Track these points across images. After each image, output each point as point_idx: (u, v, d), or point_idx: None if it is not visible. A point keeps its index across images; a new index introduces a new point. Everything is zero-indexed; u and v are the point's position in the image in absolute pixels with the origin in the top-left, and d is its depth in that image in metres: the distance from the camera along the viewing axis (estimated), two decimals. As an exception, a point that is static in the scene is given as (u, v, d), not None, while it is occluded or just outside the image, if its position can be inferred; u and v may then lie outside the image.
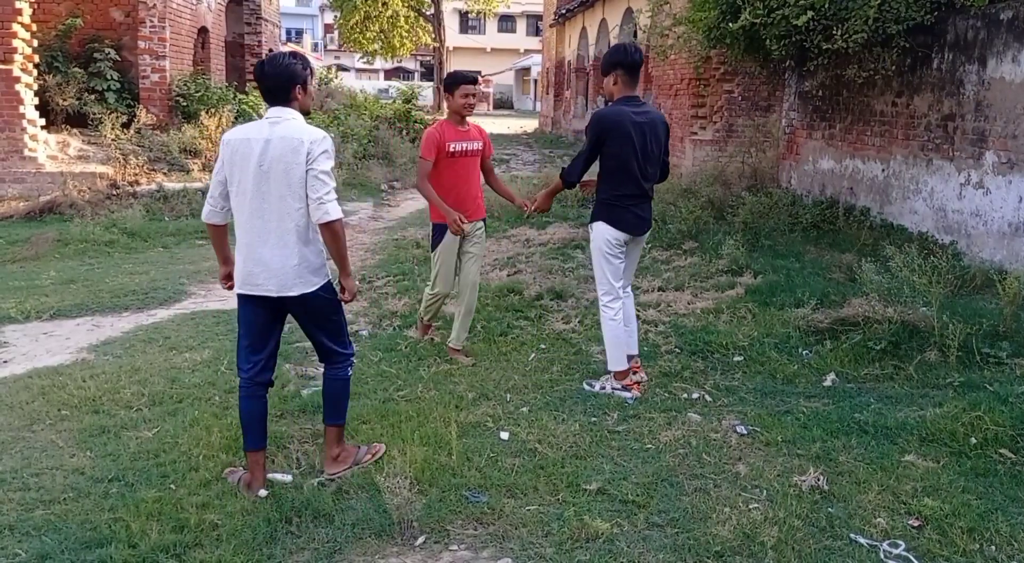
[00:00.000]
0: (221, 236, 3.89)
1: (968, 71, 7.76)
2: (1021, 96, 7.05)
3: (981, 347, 5.29)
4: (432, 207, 5.54)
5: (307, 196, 3.57)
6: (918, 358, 5.27)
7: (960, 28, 7.91)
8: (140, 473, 3.90)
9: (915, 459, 4.11)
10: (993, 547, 3.36)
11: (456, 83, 5.43)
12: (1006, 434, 4.22)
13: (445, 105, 5.54)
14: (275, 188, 3.57)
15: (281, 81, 3.64)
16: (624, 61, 4.84)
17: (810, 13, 8.22)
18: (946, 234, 7.94)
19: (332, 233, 3.60)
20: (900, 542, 3.36)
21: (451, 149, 5.40)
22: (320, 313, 3.82)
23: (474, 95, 5.48)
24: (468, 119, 5.57)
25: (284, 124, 3.61)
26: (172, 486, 3.76)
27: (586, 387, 5.09)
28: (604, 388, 5.04)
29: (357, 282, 3.98)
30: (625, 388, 5.00)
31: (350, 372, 4.01)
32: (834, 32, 8.19)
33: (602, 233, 4.96)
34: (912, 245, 6.57)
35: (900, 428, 4.40)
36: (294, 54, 3.74)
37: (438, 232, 5.55)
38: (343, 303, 3.88)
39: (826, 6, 8.17)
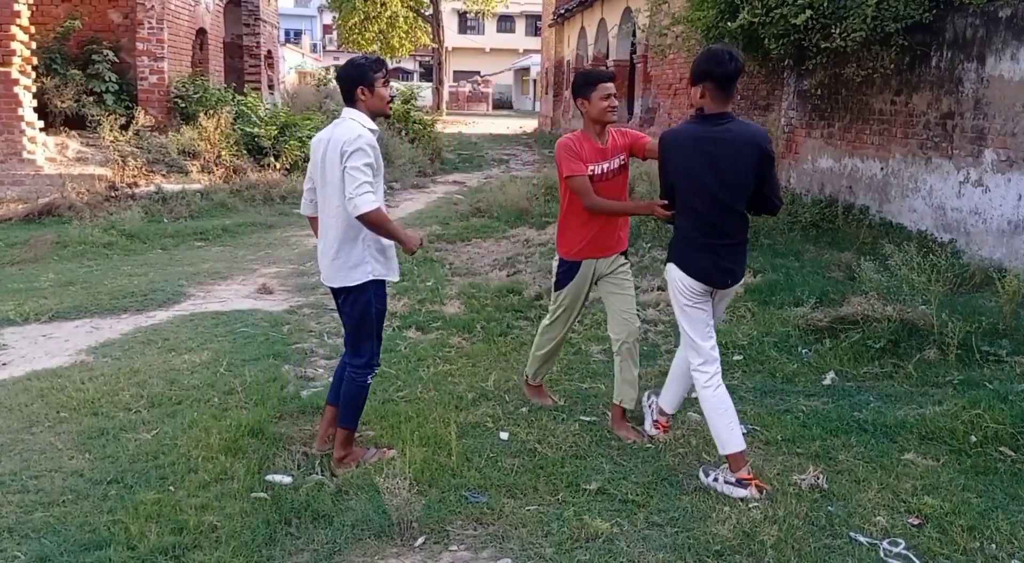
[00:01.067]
0: (315, 225, 4.15)
1: (967, 69, 7.75)
2: (1020, 94, 7.05)
3: (980, 345, 5.29)
4: (561, 234, 4.59)
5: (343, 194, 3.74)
6: (917, 356, 5.27)
7: (959, 26, 7.91)
8: (139, 475, 3.90)
9: (915, 457, 4.11)
10: (994, 545, 3.36)
11: (591, 83, 4.30)
12: (1006, 432, 4.22)
13: (583, 112, 4.37)
14: (328, 185, 3.85)
15: (347, 83, 3.84)
16: (715, 72, 3.80)
17: (808, 12, 8.21)
18: (945, 232, 7.93)
19: (369, 223, 3.71)
20: (900, 540, 3.36)
21: (590, 172, 4.32)
22: (349, 313, 3.96)
23: (616, 96, 4.36)
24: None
25: (342, 125, 3.83)
26: (171, 488, 3.76)
27: (701, 477, 3.92)
28: (716, 481, 3.84)
29: (422, 235, 4.04)
30: (741, 483, 3.76)
31: (367, 381, 4.02)
32: (832, 31, 8.19)
33: (672, 277, 4.00)
34: (911, 243, 6.57)
35: (900, 426, 4.40)
36: (368, 56, 3.92)
37: (567, 270, 4.56)
38: (369, 312, 3.96)
39: (824, 5, 8.17)
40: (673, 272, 3.97)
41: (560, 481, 3.87)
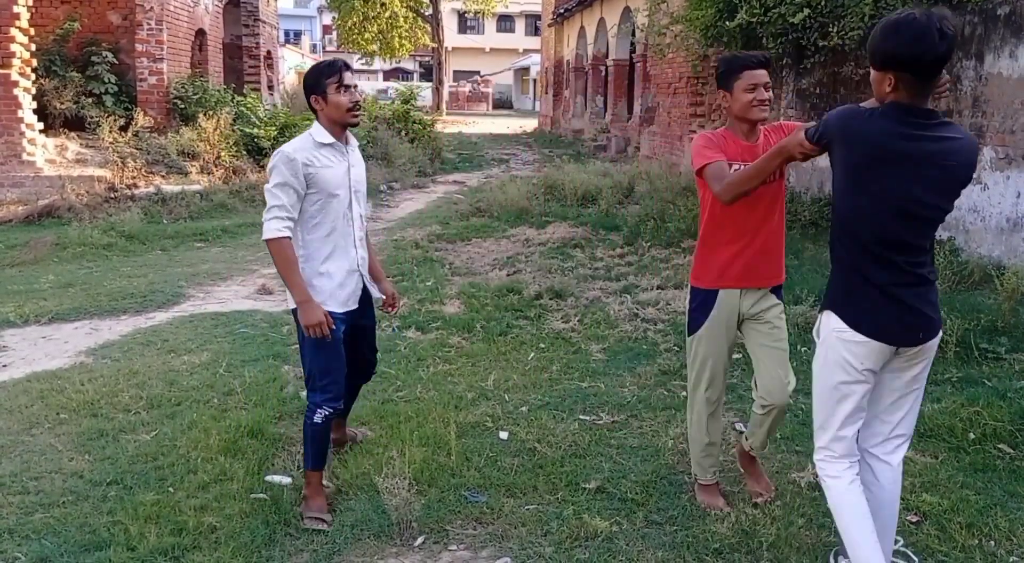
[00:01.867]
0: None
1: (965, 67, 7.75)
2: (1019, 91, 7.05)
3: (979, 342, 5.29)
4: (699, 256, 3.51)
5: None
6: (917, 354, 5.26)
7: (957, 23, 7.90)
8: (138, 476, 3.90)
9: (914, 454, 4.11)
10: (992, 542, 3.36)
11: (734, 71, 3.36)
12: (1004, 429, 4.23)
13: (725, 106, 3.45)
14: None
15: (304, 93, 3.59)
16: (922, 57, 2.56)
17: (806, 11, 8.22)
18: (944, 230, 7.93)
19: (271, 252, 3.43)
20: (899, 538, 3.36)
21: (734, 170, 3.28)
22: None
23: (766, 86, 3.34)
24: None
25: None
26: (170, 489, 3.77)
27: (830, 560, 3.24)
28: None
29: (324, 318, 3.42)
30: None
31: (314, 419, 3.53)
32: (830, 29, 8.19)
33: (832, 334, 2.79)
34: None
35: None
36: (324, 62, 3.58)
37: (701, 303, 3.50)
38: (308, 338, 3.47)
39: (822, 4, 8.17)
40: (832, 323, 2.78)
41: (559, 480, 3.87)
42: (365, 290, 3.75)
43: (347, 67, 3.55)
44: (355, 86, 3.57)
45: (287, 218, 3.38)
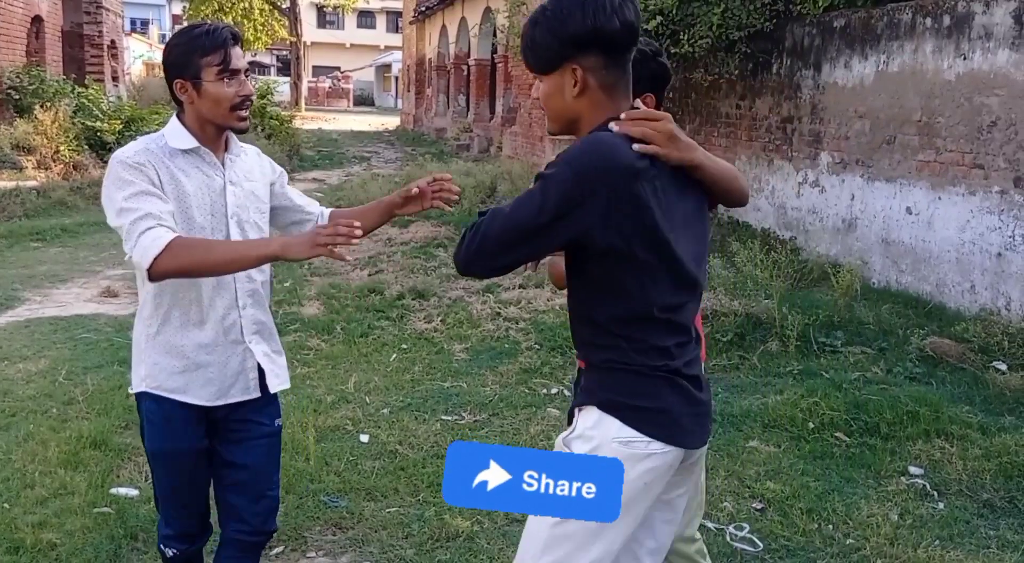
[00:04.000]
0: None
1: (805, 76, 8.22)
2: (853, 100, 7.53)
3: (818, 336, 5.63)
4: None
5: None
6: (761, 348, 5.55)
7: (797, 35, 8.37)
8: (-33, 494, 3.63)
9: (758, 444, 4.32)
10: (831, 526, 3.57)
11: None
12: (841, 418, 4.50)
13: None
14: None
15: (165, 72, 2.33)
16: (598, 31, 1.80)
17: (659, 18, 8.51)
18: (786, 230, 8.39)
19: (167, 272, 2.14)
20: (745, 524, 3.53)
21: None
22: None
23: None
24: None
25: None
26: (5, 505, 3.52)
27: None
28: None
29: (306, 235, 2.22)
30: None
31: (165, 553, 2.52)
32: (681, 37, 8.51)
33: (611, 450, 1.84)
34: (756, 241, 6.91)
35: (745, 415, 4.62)
36: (197, 27, 2.30)
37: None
38: (151, 441, 2.41)
39: (674, 12, 8.48)
40: (616, 431, 1.86)
41: (421, 481, 3.85)
42: (262, 378, 2.44)
43: (235, 39, 2.30)
44: (246, 71, 2.33)
45: (161, 226, 2.13)
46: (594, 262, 1.82)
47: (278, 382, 2.48)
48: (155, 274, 2.11)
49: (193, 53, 2.25)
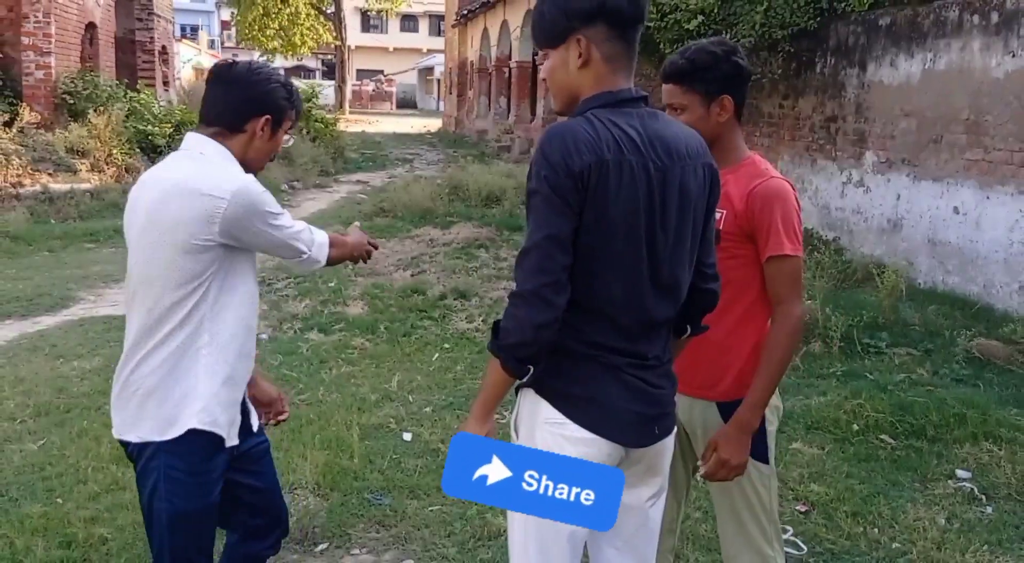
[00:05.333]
0: None
1: (849, 75, 8.12)
2: (898, 98, 7.43)
3: (862, 338, 5.56)
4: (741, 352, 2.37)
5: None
6: (804, 349, 5.50)
7: (842, 33, 8.27)
8: (25, 487, 3.74)
9: (802, 446, 4.29)
10: (876, 529, 3.54)
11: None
12: (886, 421, 4.45)
13: None
14: (141, 264, 2.33)
15: (244, 103, 2.24)
16: (603, 4, 1.80)
17: (700, 17, 8.48)
18: (830, 230, 8.29)
19: (337, 256, 2.50)
20: (788, 527, 3.50)
21: None
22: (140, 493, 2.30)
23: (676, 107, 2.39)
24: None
25: (196, 164, 2.24)
26: (59, 500, 3.63)
27: None
28: None
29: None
30: None
31: None
32: (723, 36, 8.46)
33: (544, 433, 1.90)
34: (799, 241, 6.85)
35: (788, 417, 4.58)
36: (291, 83, 2.33)
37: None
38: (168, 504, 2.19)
39: (716, 11, 8.44)
40: (546, 413, 1.90)
41: (463, 480, 3.88)
42: (245, 411, 2.36)
43: (301, 106, 2.41)
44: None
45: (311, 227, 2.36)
46: None
47: (255, 418, 2.43)
48: (330, 264, 2.43)
49: (290, 105, 2.28)
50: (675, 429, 2.04)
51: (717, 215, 2.13)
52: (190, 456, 2.13)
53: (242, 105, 2.21)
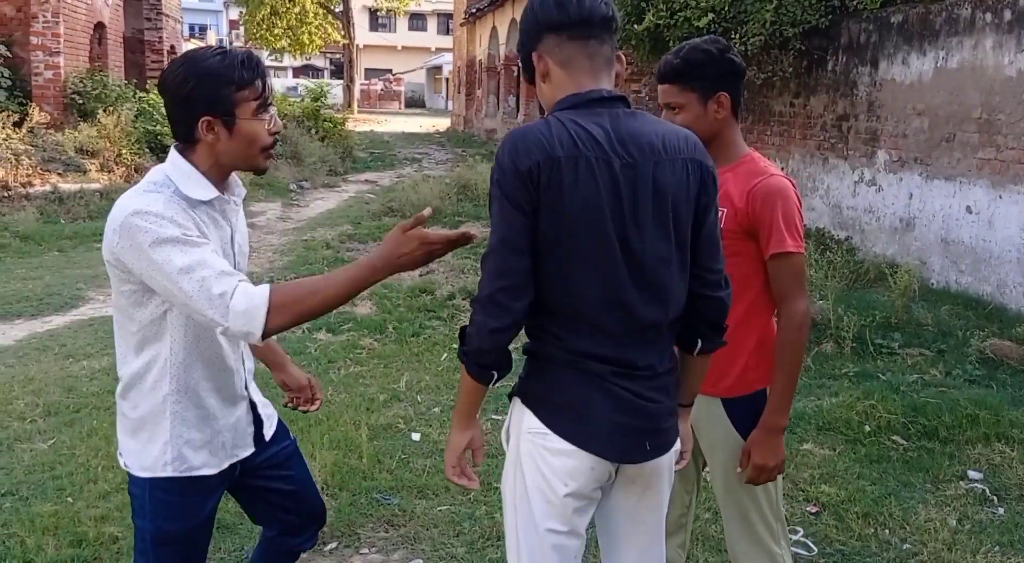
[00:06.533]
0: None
1: (861, 73, 8.08)
2: (911, 97, 7.39)
3: (874, 338, 5.53)
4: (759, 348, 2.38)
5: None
6: (816, 350, 5.47)
7: (853, 31, 8.23)
8: (35, 486, 3.75)
9: (813, 447, 4.26)
10: (887, 531, 3.52)
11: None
12: (898, 422, 4.42)
13: None
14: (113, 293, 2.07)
15: (181, 107, 1.94)
16: (540, 25, 1.87)
17: (711, 15, 8.44)
18: (841, 230, 8.25)
19: (288, 321, 1.85)
20: (799, 528, 3.48)
21: None
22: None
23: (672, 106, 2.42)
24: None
25: (126, 195, 2.01)
26: (69, 499, 3.63)
27: None
28: None
29: (398, 240, 1.86)
30: None
31: None
32: (733, 35, 8.43)
33: (527, 443, 1.88)
34: (810, 241, 6.82)
35: (799, 418, 4.56)
36: (227, 55, 1.93)
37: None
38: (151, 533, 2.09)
39: (726, 9, 8.40)
40: (527, 422, 1.88)
41: (472, 480, 3.87)
42: (258, 421, 2.22)
43: (260, 69, 1.97)
44: (272, 102, 2.01)
45: (240, 280, 1.82)
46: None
47: (270, 427, 2.28)
48: (268, 336, 1.82)
49: (227, 86, 1.89)
50: (675, 446, 1.94)
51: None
52: (173, 487, 2.04)
53: (178, 115, 1.94)
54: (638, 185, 1.77)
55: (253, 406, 2.20)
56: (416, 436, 4.38)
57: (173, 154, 1.98)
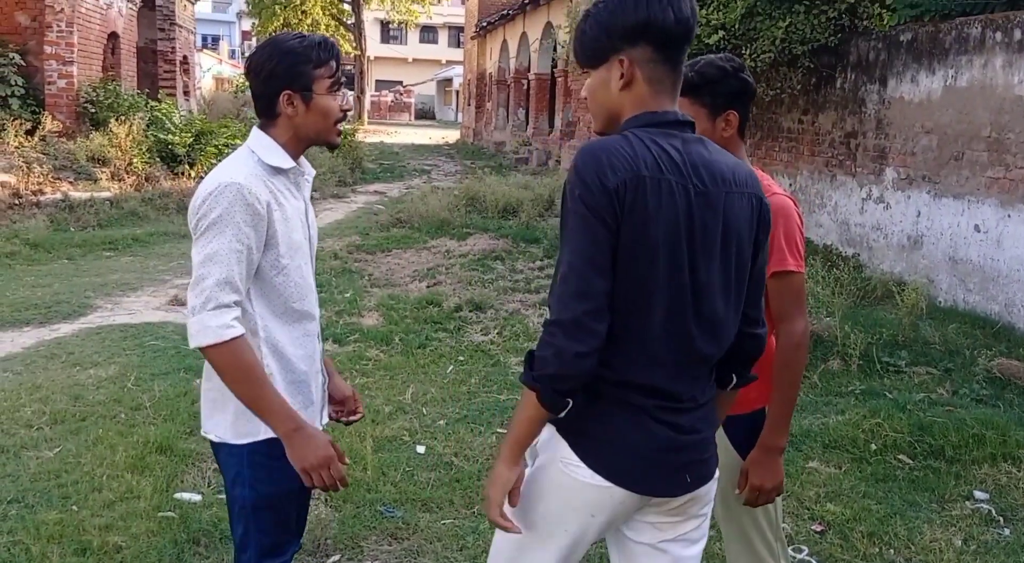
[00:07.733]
0: None
1: (870, 90, 8.09)
2: (919, 114, 7.39)
3: (881, 356, 5.52)
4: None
5: None
6: (822, 367, 5.46)
7: (862, 49, 8.24)
8: (41, 494, 3.76)
9: (818, 465, 4.25)
10: (892, 550, 3.50)
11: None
12: (904, 440, 4.41)
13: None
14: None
15: (265, 83, 2.15)
16: (649, 24, 1.72)
17: (721, 33, 8.46)
18: (849, 247, 8.24)
19: (213, 363, 2.01)
20: (803, 547, 3.47)
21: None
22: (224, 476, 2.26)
23: None
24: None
25: (222, 164, 2.20)
26: (74, 507, 3.64)
27: None
28: None
29: (325, 442, 2.09)
30: None
31: None
32: (743, 52, 8.45)
33: (556, 473, 1.82)
34: (817, 257, 6.81)
35: (805, 435, 4.55)
36: (302, 36, 2.16)
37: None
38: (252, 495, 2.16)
39: (736, 26, 8.42)
40: (563, 451, 1.80)
41: (476, 494, 3.87)
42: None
43: (335, 51, 2.19)
44: (343, 82, 2.25)
45: (235, 304, 1.99)
46: None
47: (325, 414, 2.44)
48: (208, 353, 1.97)
49: (306, 63, 2.10)
50: (715, 475, 1.89)
51: None
52: (272, 450, 2.09)
53: (262, 91, 2.14)
54: (709, 215, 1.72)
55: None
56: (421, 449, 4.38)
57: (255, 131, 2.18)
